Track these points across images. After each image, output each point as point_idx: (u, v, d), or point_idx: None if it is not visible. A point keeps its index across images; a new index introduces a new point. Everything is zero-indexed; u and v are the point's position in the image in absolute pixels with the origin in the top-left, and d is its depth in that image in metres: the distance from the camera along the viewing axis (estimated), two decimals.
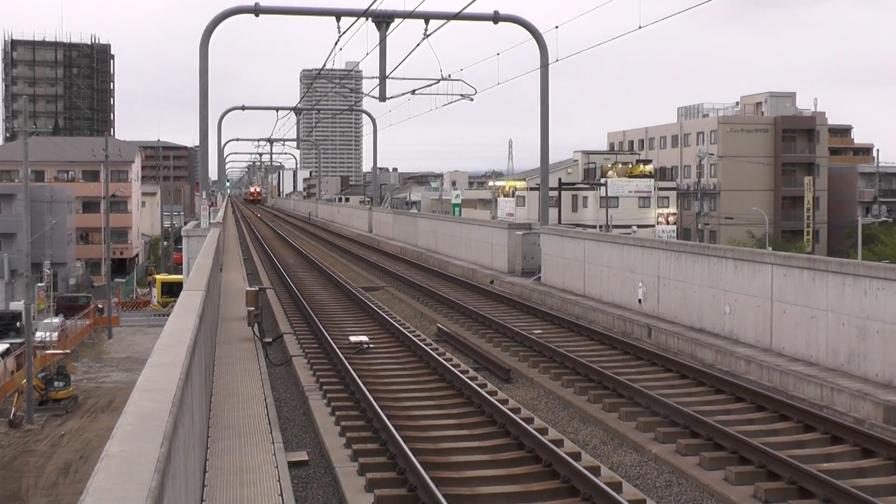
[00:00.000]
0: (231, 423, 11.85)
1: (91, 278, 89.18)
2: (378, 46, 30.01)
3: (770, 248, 60.10)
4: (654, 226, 78.47)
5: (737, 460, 11.04)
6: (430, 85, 35.78)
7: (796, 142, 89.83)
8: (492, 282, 30.36)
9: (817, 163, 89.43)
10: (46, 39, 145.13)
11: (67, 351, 49.53)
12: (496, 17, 30.13)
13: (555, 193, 62.73)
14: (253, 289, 19.81)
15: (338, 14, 29.09)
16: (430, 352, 17.46)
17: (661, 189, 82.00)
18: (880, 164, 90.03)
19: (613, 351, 18.27)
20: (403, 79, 36.90)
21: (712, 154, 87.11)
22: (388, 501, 9.86)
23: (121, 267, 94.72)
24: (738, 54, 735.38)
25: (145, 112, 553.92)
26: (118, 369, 50.24)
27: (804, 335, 15.73)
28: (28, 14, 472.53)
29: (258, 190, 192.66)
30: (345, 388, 15.04)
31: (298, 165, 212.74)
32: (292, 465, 10.90)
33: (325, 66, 32.58)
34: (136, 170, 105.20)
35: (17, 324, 53.17)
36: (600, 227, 69.46)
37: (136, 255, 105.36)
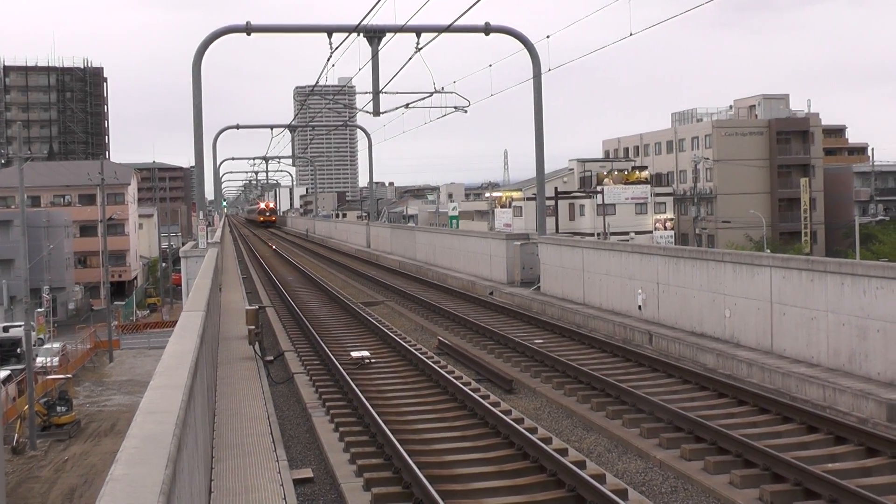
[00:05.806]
0: (235, 443, 11.85)
1: (90, 302, 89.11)
2: (370, 61, 30.07)
3: (768, 251, 60.16)
4: (651, 232, 78.58)
5: (741, 463, 11.04)
6: (424, 98, 35.80)
7: (791, 143, 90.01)
8: (491, 293, 30.36)
9: (812, 164, 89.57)
10: (39, 64, 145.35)
11: (69, 375, 49.44)
12: (487, 29, 30.19)
13: (551, 202, 62.79)
14: (253, 307, 19.81)
15: (329, 30, 29.14)
16: (432, 365, 17.46)
17: (657, 195, 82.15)
18: (875, 163, 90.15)
19: (615, 358, 18.27)
20: (397, 93, 36.76)
21: (707, 158, 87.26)
22: None
23: (119, 290, 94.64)
24: (730, 58, 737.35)
25: (140, 133, 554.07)
26: (120, 392, 50.18)
27: (805, 336, 15.74)
28: (20, 37, 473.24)
29: (271, 205, 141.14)
30: (347, 403, 15.03)
31: (294, 182, 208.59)
32: (297, 483, 10.89)
33: (318, 82, 32.64)
34: (132, 192, 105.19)
35: (18, 350, 53.07)
36: (598, 234, 69.51)
37: (135, 278, 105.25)
